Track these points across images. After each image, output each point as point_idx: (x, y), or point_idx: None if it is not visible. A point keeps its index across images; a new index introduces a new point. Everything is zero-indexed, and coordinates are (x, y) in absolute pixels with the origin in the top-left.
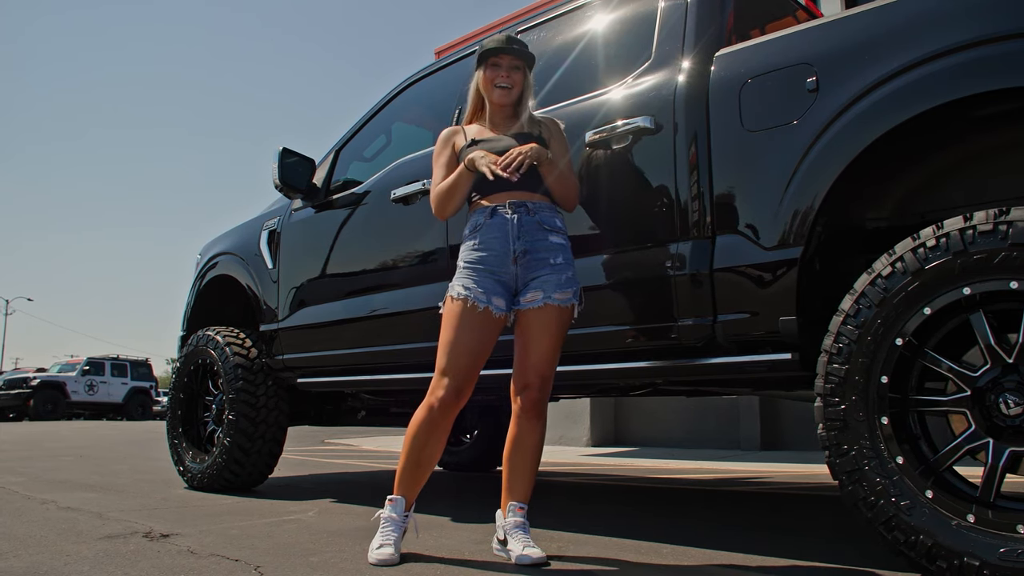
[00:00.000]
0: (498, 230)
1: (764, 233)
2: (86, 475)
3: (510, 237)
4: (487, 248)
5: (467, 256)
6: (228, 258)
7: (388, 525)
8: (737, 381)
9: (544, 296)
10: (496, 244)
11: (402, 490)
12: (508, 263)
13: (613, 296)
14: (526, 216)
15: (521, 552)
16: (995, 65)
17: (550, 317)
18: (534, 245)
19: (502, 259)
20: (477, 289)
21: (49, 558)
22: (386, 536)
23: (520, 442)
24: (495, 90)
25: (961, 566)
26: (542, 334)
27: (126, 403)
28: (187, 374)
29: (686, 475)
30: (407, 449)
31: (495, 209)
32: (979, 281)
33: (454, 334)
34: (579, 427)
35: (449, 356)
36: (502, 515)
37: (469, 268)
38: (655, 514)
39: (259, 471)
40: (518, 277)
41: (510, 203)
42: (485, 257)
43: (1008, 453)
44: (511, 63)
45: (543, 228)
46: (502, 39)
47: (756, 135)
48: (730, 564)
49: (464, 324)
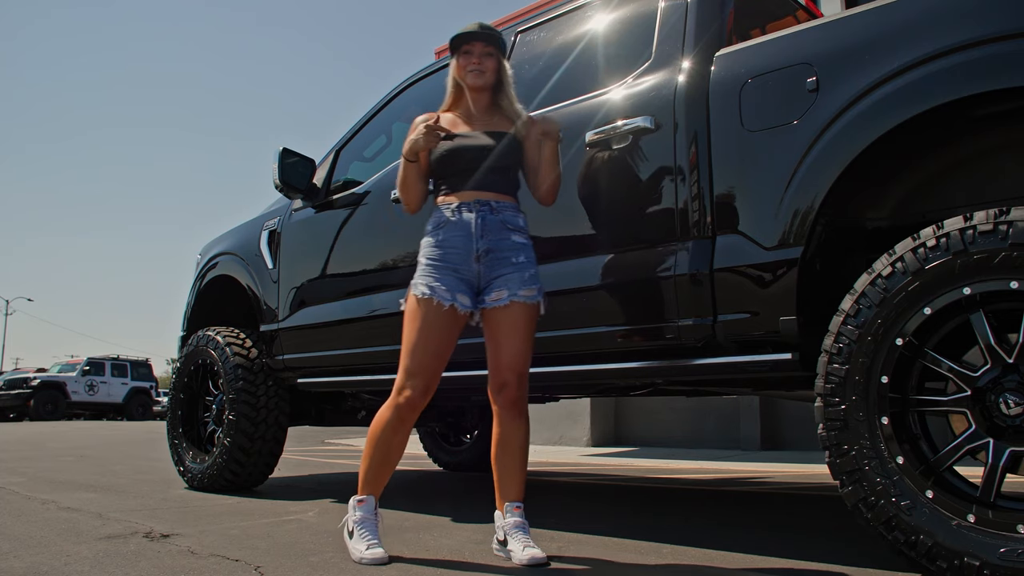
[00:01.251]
0: (461, 228)
1: (764, 233)
2: (86, 475)
3: (473, 236)
4: (449, 245)
5: (429, 253)
6: (228, 258)
7: (365, 526)
8: (737, 381)
9: (509, 294)
10: (459, 242)
11: (370, 489)
12: (471, 261)
13: (613, 296)
14: (490, 215)
15: (522, 552)
16: (995, 65)
17: (518, 314)
18: (497, 244)
19: (465, 257)
20: (441, 287)
21: (49, 558)
22: (369, 537)
23: (506, 443)
24: (468, 74)
25: (961, 566)
26: (513, 331)
27: (126, 403)
28: (187, 374)
29: (686, 475)
30: (373, 449)
31: (459, 207)
32: (979, 281)
33: (420, 334)
34: (579, 427)
35: (416, 356)
36: (501, 516)
37: (431, 265)
38: (655, 514)
39: (259, 471)
40: (481, 275)
41: (475, 201)
42: (447, 254)
43: (1008, 453)
44: (483, 50)
45: (506, 228)
46: (473, 26)
47: (756, 135)
48: (730, 564)
49: (430, 323)
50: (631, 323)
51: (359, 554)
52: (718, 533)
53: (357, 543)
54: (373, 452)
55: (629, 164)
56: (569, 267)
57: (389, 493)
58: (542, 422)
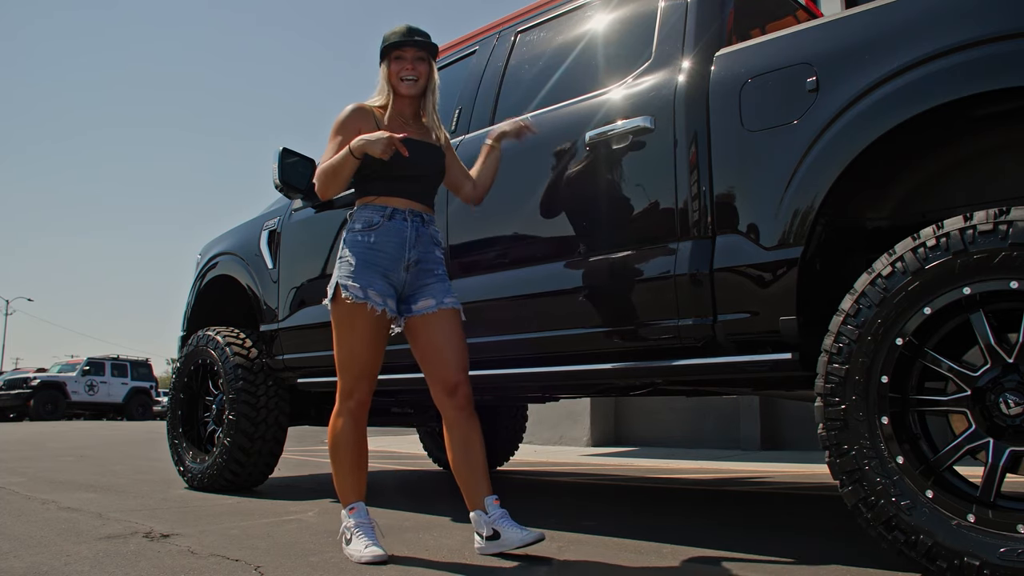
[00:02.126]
0: (396, 235)
1: (764, 233)
2: (86, 475)
3: (407, 245)
4: (382, 249)
5: (360, 252)
6: (228, 258)
7: (361, 529)
8: (737, 381)
9: (436, 302)
10: (391, 248)
11: (354, 497)
12: (400, 269)
13: (613, 296)
14: (422, 227)
15: (523, 534)
16: (995, 65)
17: (449, 318)
18: (424, 256)
19: (395, 263)
20: (374, 293)
21: (49, 558)
22: (367, 539)
23: (469, 443)
24: (402, 83)
25: (961, 566)
26: (451, 334)
27: (126, 403)
28: (187, 374)
29: (686, 475)
30: (342, 458)
31: (394, 213)
32: (979, 281)
33: (359, 339)
34: (579, 427)
35: (359, 360)
36: (483, 513)
37: (363, 266)
38: (655, 514)
39: (259, 471)
40: (406, 284)
41: (409, 211)
42: (380, 257)
43: (1008, 453)
44: (415, 55)
45: (433, 241)
46: (403, 31)
47: (756, 135)
48: (730, 564)
49: (366, 328)
50: (631, 323)
51: (358, 555)
52: (718, 533)
53: (355, 545)
54: (343, 461)
55: (629, 164)
56: (569, 267)
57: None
58: (542, 422)
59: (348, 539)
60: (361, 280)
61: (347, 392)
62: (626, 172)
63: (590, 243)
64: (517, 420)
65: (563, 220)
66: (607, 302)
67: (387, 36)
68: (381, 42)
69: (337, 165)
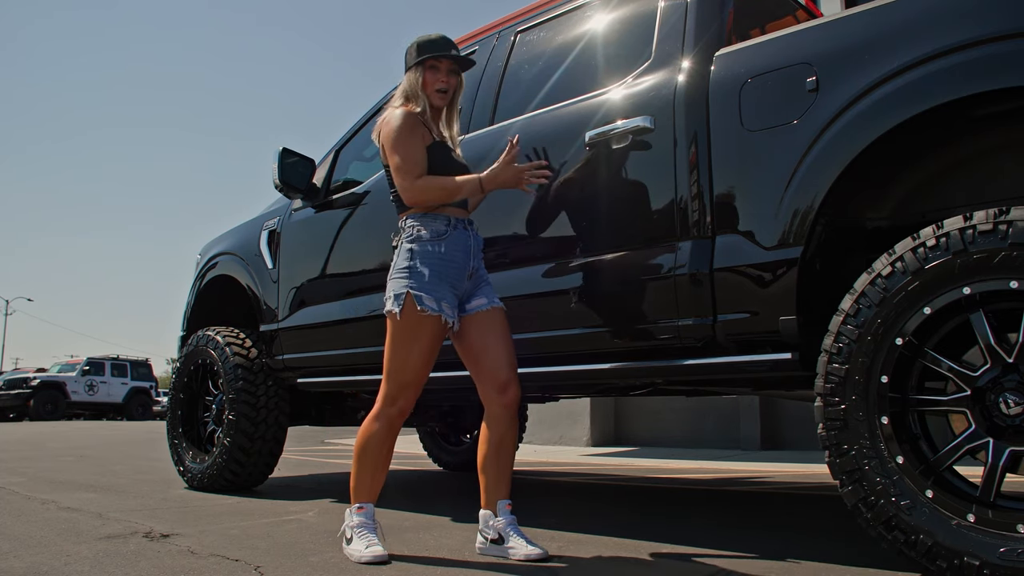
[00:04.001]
0: (462, 244)
1: (764, 233)
2: (86, 475)
3: (471, 254)
4: (452, 259)
5: (432, 263)
6: (228, 258)
7: (364, 529)
8: (737, 381)
9: (488, 301)
10: (460, 257)
11: (367, 497)
12: (464, 278)
13: (613, 296)
14: (476, 236)
15: (527, 548)
16: (995, 65)
17: (499, 316)
18: (480, 263)
19: (462, 273)
20: (445, 304)
21: (49, 558)
22: (370, 538)
23: (504, 444)
24: (436, 93)
25: (961, 566)
26: (502, 333)
27: (126, 403)
28: (187, 374)
29: (686, 475)
30: (369, 459)
31: (456, 222)
32: (979, 281)
33: (420, 349)
34: (579, 427)
35: (414, 369)
36: (491, 515)
37: (436, 277)
38: (655, 514)
39: (259, 471)
40: (467, 291)
41: (467, 220)
42: (450, 268)
43: (1008, 453)
44: (449, 67)
45: (481, 248)
46: (441, 42)
47: (756, 135)
48: (730, 564)
49: (431, 339)
50: (631, 323)
51: (359, 554)
52: (718, 533)
53: (356, 545)
54: (368, 462)
55: (629, 164)
56: (569, 267)
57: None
58: (542, 422)
59: (349, 538)
60: (436, 292)
61: (392, 398)
62: (626, 172)
63: (590, 243)
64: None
65: (563, 220)
66: (607, 302)
67: (423, 44)
68: (416, 49)
69: (459, 190)
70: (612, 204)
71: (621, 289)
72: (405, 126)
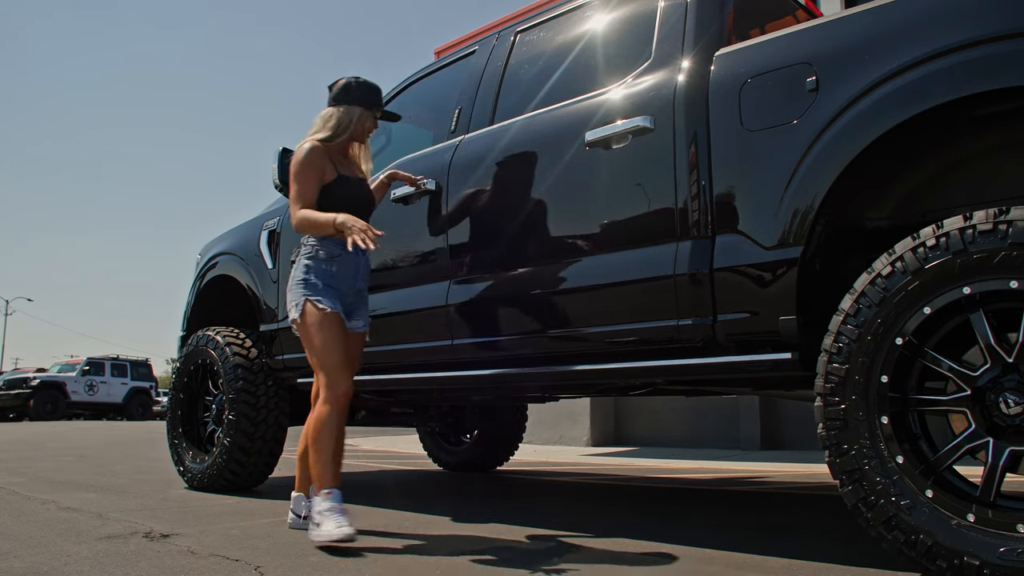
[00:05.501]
0: (352, 266)
1: (764, 233)
2: (86, 475)
3: (358, 275)
4: (340, 277)
5: (324, 278)
6: (228, 258)
7: (334, 512)
8: (737, 381)
9: (363, 324)
10: (348, 275)
11: (332, 482)
12: (350, 294)
13: (613, 296)
14: (365, 259)
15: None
16: (994, 65)
17: (363, 339)
18: (364, 284)
19: (348, 290)
20: (339, 307)
21: (49, 558)
22: (339, 519)
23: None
24: (366, 136)
25: (961, 565)
26: (358, 352)
27: (126, 403)
28: (187, 374)
29: (686, 475)
30: (326, 445)
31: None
32: (979, 280)
33: (334, 339)
34: (579, 427)
35: (338, 354)
36: (303, 497)
37: (327, 289)
38: (655, 514)
39: (259, 471)
40: (349, 305)
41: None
42: (339, 284)
43: (1008, 452)
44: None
45: (368, 270)
46: (380, 94)
47: (756, 135)
48: (730, 564)
49: (337, 331)
50: (631, 323)
51: (328, 534)
52: (718, 533)
53: (327, 526)
54: (325, 448)
55: (628, 164)
56: (569, 267)
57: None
58: (542, 422)
59: (319, 523)
60: (327, 298)
61: (334, 383)
62: (626, 172)
63: (589, 243)
64: (517, 420)
65: (563, 220)
66: (607, 302)
67: (371, 91)
68: (367, 91)
69: (319, 225)
70: (612, 204)
71: (621, 289)
72: (306, 162)
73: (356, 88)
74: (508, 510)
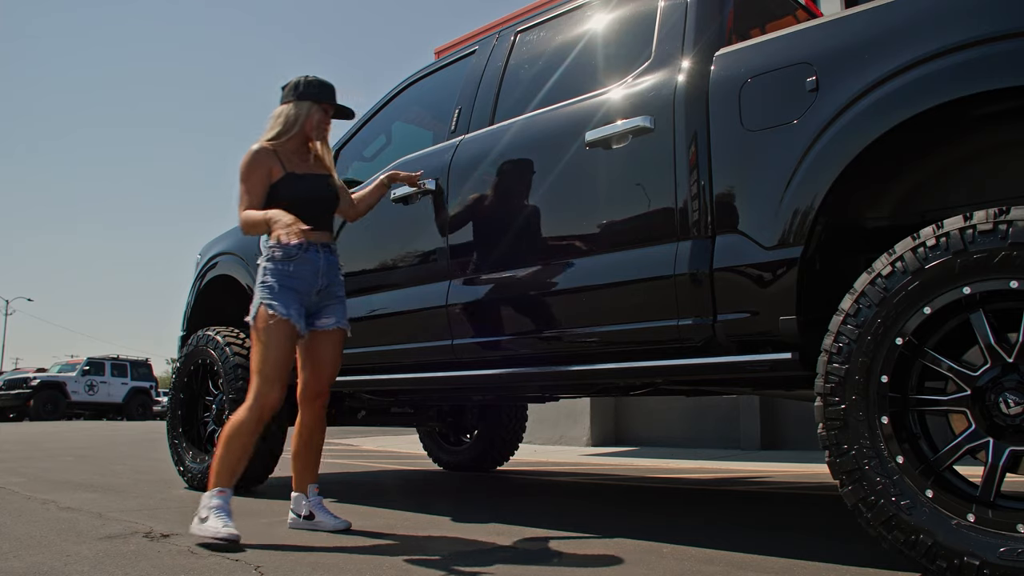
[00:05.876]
0: (311, 265)
1: (764, 232)
2: (86, 475)
3: (319, 274)
4: (300, 277)
5: (281, 279)
6: (228, 258)
7: (222, 512)
8: (737, 381)
9: (335, 321)
10: (307, 276)
11: (229, 482)
12: (312, 294)
13: (613, 296)
14: (329, 256)
15: (334, 522)
16: (994, 64)
17: (339, 338)
18: (331, 280)
19: (309, 289)
20: (294, 313)
21: (49, 558)
22: (225, 519)
23: (314, 438)
24: (318, 132)
25: (961, 565)
26: (335, 352)
27: (126, 403)
28: (187, 374)
29: (686, 475)
30: (238, 447)
31: (308, 245)
32: (979, 280)
33: (278, 348)
34: (579, 427)
35: (277, 366)
36: (304, 496)
37: (285, 289)
38: (655, 514)
39: (259, 471)
40: (315, 304)
41: (320, 244)
42: (298, 284)
43: (1008, 452)
44: (330, 111)
45: (336, 268)
46: (331, 89)
47: (756, 135)
48: (730, 564)
49: (285, 340)
50: (631, 323)
51: (214, 531)
52: (718, 533)
53: (214, 523)
54: (236, 449)
55: (629, 164)
56: (569, 267)
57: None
58: (542, 422)
59: (205, 517)
60: (284, 302)
61: (262, 394)
62: (626, 172)
63: (589, 243)
64: (517, 420)
65: (563, 220)
66: (607, 302)
67: (321, 86)
68: (315, 87)
69: (256, 224)
70: (612, 204)
71: (621, 289)
72: (251, 163)
73: (305, 85)
74: (508, 510)
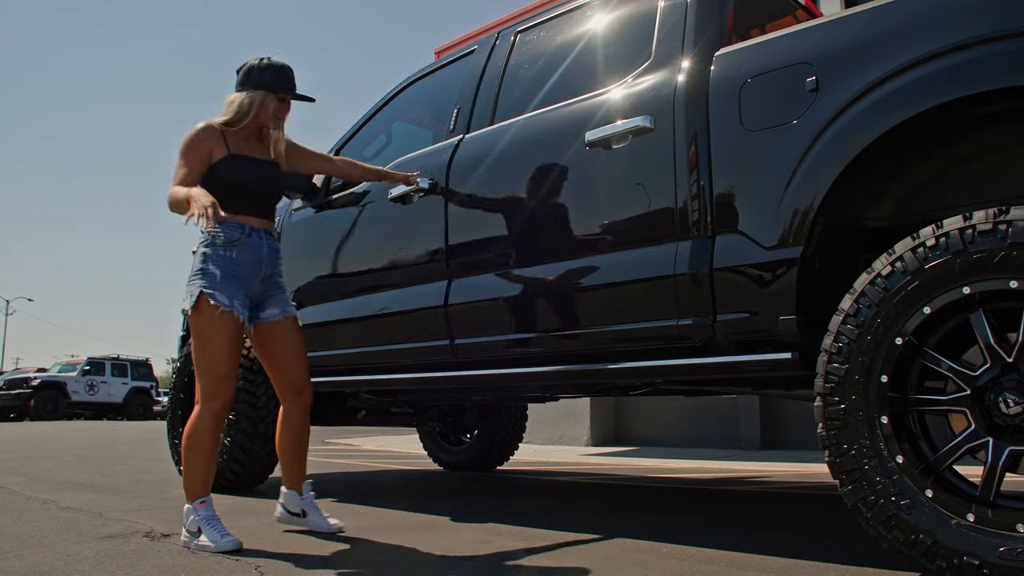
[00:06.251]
0: (254, 252)
1: (764, 232)
2: (87, 475)
3: (263, 261)
4: (242, 264)
5: (223, 266)
6: None
7: (212, 522)
8: (737, 381)
9: (281, 311)
10: (250, 263)
11: (204, 491)
12: (256, 282)
13: (613, 296)
14: (272, 244)
15: (327, 524)
16: (994, 64)
17: (293, 325)
18: (274, 270)
19: (252, 277)
20: (236, 302)
21: (50, 558)
22: (221, 529)
23: (302, 435)
24: (275, 121)
25: (961, 565)
26: (297, 342)
27: (127, 403)
28: (187, 374)
29: (686, 475)
30: (201, 454)
31: (251, 231)
32: (979, 280)
33: (223, 343)
34: (579, 427)
35: (224, 362)
36: (297, 494)
37: (227, 278)
38: (655, 513)
39: (260, 471)
40: (259, 294)
41: (263, 230)
42: (240, 271)
43: (1008, 452)
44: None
45: (278, 256)
46: (291, 78)
47: (756, 135)
48: (730, 564)
49: (230, 334)
50: (631, 323)
51: (216, 544)
52: (718, 533)
53: (211, 535)
54: (200, 457)
55: (629, 164)
56: (569, 267)
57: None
58: (542, 422)
59: (196, 531)
60: (227, 291)
61: (211, 394)
62: (626, 172)
63: (589, 242)
64: (517, 420)
65: (563, 220)
66: (607, 302)
67: (278, 72)
68: (270, 74)
69: (178, 201)
70: (612, 204)
71: (621, 289)
72: (193, 140)
73: (259, 71)
74: (508, 510)
